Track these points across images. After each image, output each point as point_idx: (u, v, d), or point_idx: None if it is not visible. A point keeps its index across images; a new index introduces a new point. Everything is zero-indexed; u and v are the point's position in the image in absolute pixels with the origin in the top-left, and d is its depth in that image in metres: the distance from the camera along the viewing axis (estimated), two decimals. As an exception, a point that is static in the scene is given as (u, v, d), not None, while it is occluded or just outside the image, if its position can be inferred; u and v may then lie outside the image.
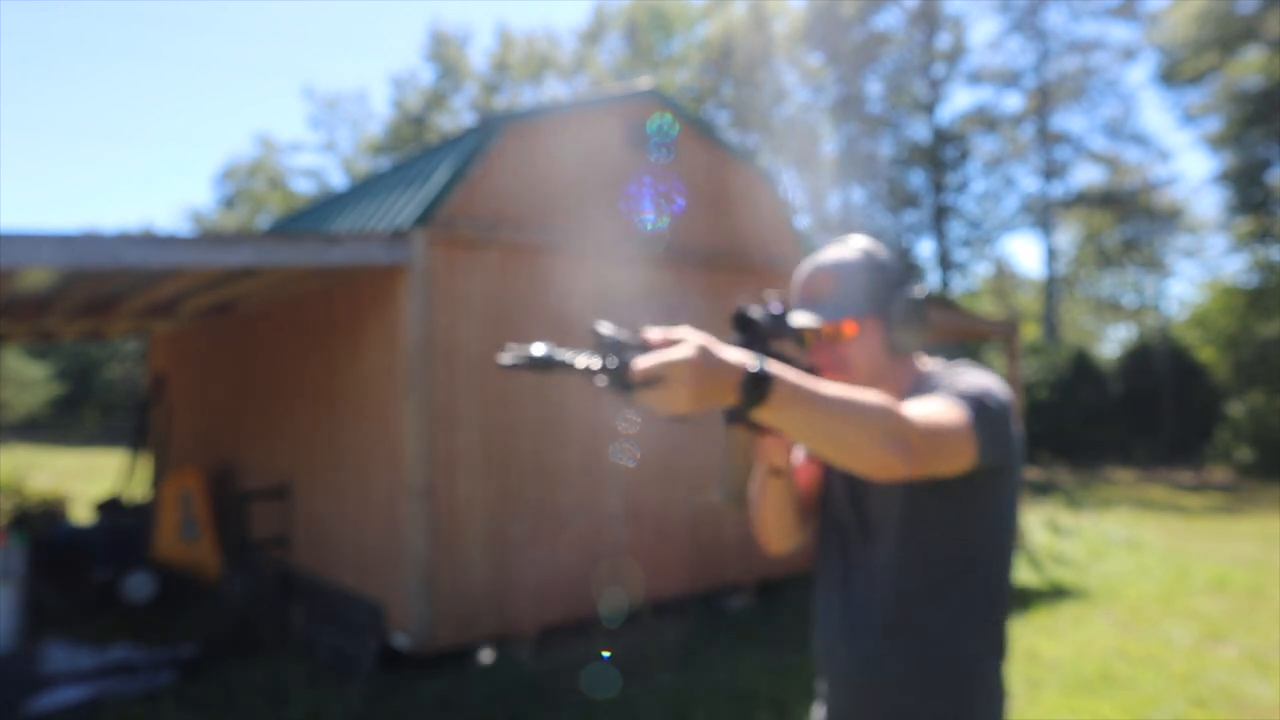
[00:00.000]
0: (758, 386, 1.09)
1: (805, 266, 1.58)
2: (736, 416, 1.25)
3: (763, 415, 1.12)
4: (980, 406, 1.35)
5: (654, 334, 1.12)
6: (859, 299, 1.50)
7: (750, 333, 1.32)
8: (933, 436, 1.25)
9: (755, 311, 1.33)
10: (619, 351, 1.10)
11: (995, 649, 1.47)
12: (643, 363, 1.07)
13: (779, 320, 1.34)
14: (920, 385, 1.50)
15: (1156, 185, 26.78)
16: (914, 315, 1.51)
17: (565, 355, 1.09)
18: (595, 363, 1.10)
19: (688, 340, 1.09)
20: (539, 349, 1.08)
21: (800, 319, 1.40)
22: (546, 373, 1.09)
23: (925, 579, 1.44)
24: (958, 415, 1.31)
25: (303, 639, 5.50)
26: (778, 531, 1.60)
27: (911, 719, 1.45)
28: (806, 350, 1.49)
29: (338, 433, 5.80)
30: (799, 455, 1.66)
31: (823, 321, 1.48)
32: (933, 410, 1.30)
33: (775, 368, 1.11)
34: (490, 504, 5.18)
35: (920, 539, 1.44)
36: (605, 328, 1.11)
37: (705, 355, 1.07)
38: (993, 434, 1.35)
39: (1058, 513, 11.83)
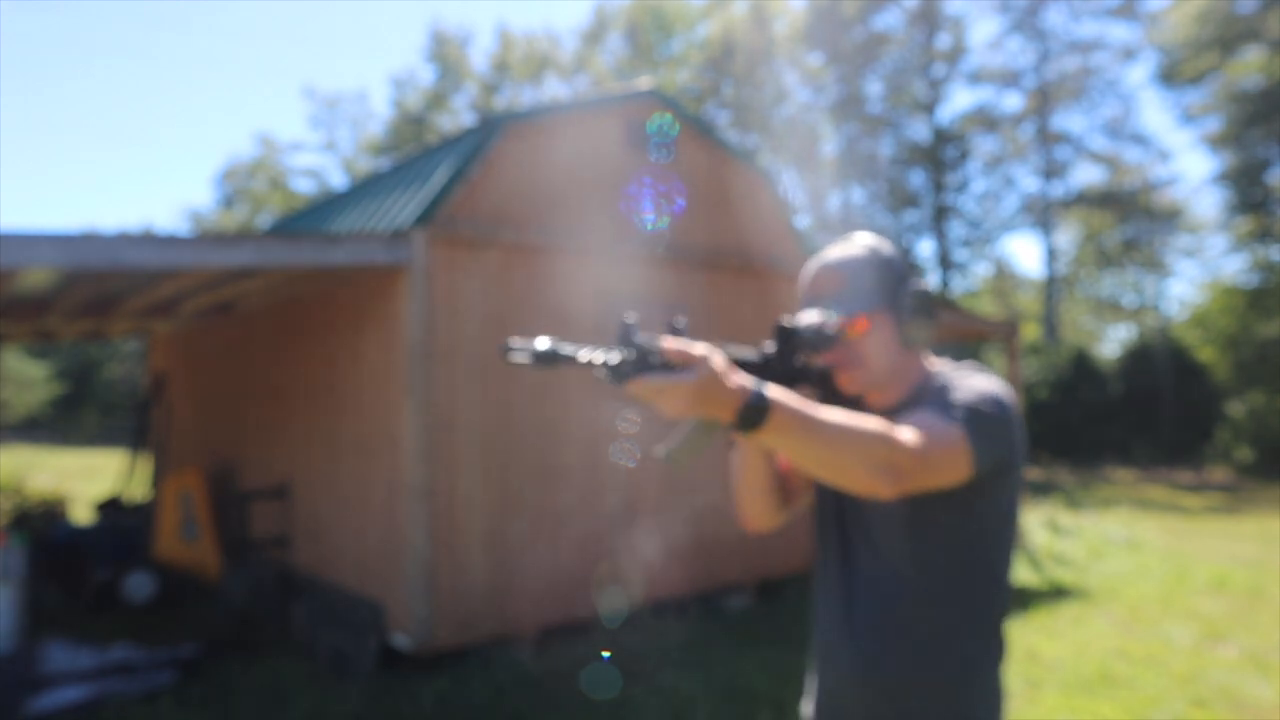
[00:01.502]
0: (754, 414, 1.15)
1: (812, 265, 1.59)
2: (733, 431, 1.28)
3: (758, 437, 1.17)
4: (976, 417, 1.36)
5: (671, 344, 1.14)
6: (868, 294, 1.50)
7: (788, 345, 1.38)
8: (924, 457, 1.29)
9: (795, 323, 1.39)
10: (634, 351, 1.12)
11: (994, 649, 1.47)
12: (644, 381, 1.11)
13: (819, 333, 1.39)
14: (925, 385, 1.51)
15: (1156, 185, 26.79)
16: (923, 308, 1.52)
17: (570, 349, 1.12)
18: (599, 357, 1.12)
19: (700, 361, 1.12)
20: (543, 343, 1.11)
21: (810, 316, 1.43)
22: (552, 367, 1.11)
23: (924, 580, 1.44)
24: (952, 432, 1.34)
25: (303, 639, 5.50)
26: (755, 510, 1.60)
27: (911, 719, 1.45)
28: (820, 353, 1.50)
29: (338, 433, 5.80)
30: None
31: (837, 320, 1.49)
32: (926, 429, 1.32)
33: (774, 393, 1.16)
34: (490, 504, 5.18)
35: (919, 540, 1.44)
36: (631, 317, 1.14)
37: (708, 382, 1.12)
38: (989, 444, 1.36)
39: (1058, 513, 11.83)
